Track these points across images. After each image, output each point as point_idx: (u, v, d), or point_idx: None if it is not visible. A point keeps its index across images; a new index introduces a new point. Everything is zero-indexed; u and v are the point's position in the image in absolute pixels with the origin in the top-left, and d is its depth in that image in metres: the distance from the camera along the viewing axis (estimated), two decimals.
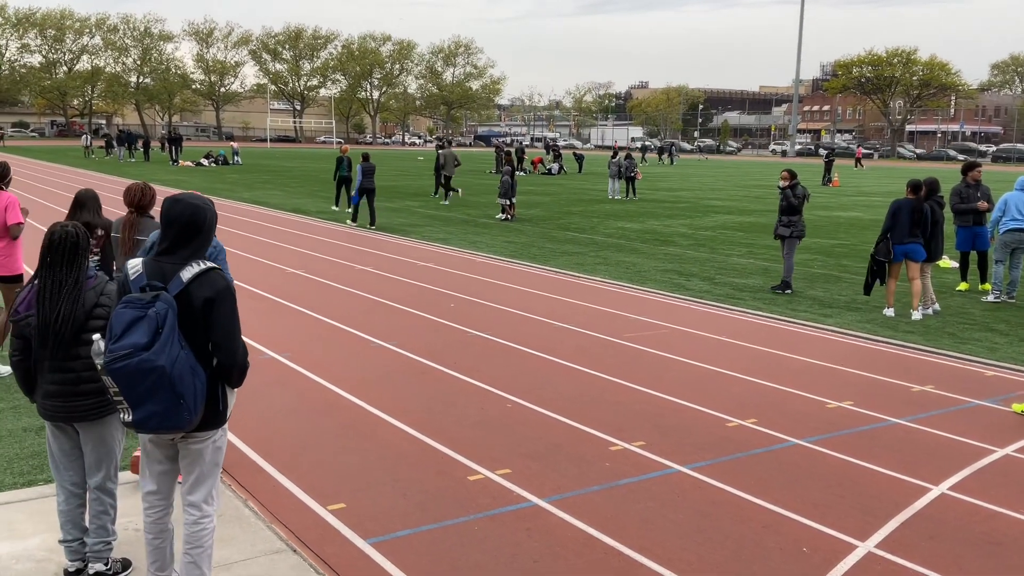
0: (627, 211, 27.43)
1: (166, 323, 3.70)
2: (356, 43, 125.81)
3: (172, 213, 3.91)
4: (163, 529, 4.16)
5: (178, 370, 3.70)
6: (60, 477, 4.53)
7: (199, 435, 3.99)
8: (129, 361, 3.64)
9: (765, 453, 6.72)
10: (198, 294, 3.82)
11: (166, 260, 3.89)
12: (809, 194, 13.70)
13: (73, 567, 4.56)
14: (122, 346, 3.65)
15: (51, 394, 4.33)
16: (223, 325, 3.87)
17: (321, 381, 8.28)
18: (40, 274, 4.29)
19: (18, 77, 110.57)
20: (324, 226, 21.42)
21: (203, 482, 4.07)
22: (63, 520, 4.55)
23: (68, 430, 4.46)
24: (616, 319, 11.38)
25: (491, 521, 5.44)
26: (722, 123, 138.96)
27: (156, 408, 3.71)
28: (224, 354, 3.89)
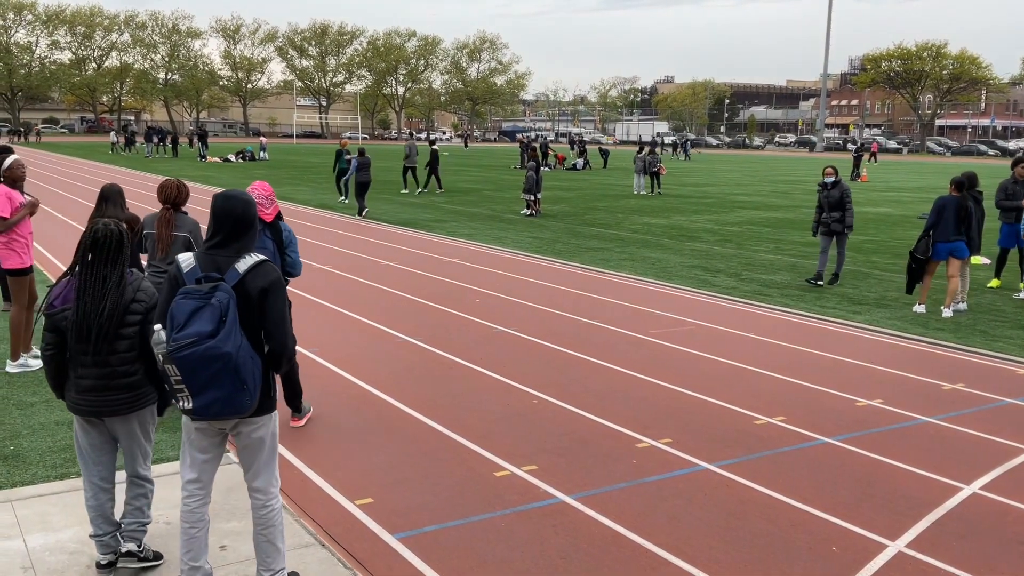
0: (652, 206, 27.32)
1: (229, 311, 3.85)
2: (381, 39, 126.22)
3: (225, 208, 4.05)
4: (200, 519, 4.23)
5: (242, 356, 3.87)
6: (88, 472, 4.56)
7: (255, 420, 4.14)
8: (195, 349, 3.76)
9: (794, 451, 6.67)
10: (253, 284, 3.98)
11: (220, 253, 4.04)
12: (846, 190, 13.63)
13: (105, 559, 4.59)
14: (187, 335, 3.77)
15: (85, 388, 4.36)
16: (276, 314, 4.02)
17: (348, 376, 8.32)
18: (80, 270, 4.33)
19: (48, 74, 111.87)
20: (350, 221, 21.51)
21: (264, 468, 4.24)
22: (93, 515, 4.58)
23: (98, 424, 4.49)
24: (642, 315, 11.34)
25: (518, 517, 5.44)
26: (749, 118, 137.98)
27: (219, 394, 3.86)
28: (276, 342, 4.04)
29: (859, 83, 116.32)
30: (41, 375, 8.04)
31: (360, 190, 22.98)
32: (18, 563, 4.67)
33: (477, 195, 30.36)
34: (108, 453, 4.57)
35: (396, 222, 21.50)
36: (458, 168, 48.84)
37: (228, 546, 4.91)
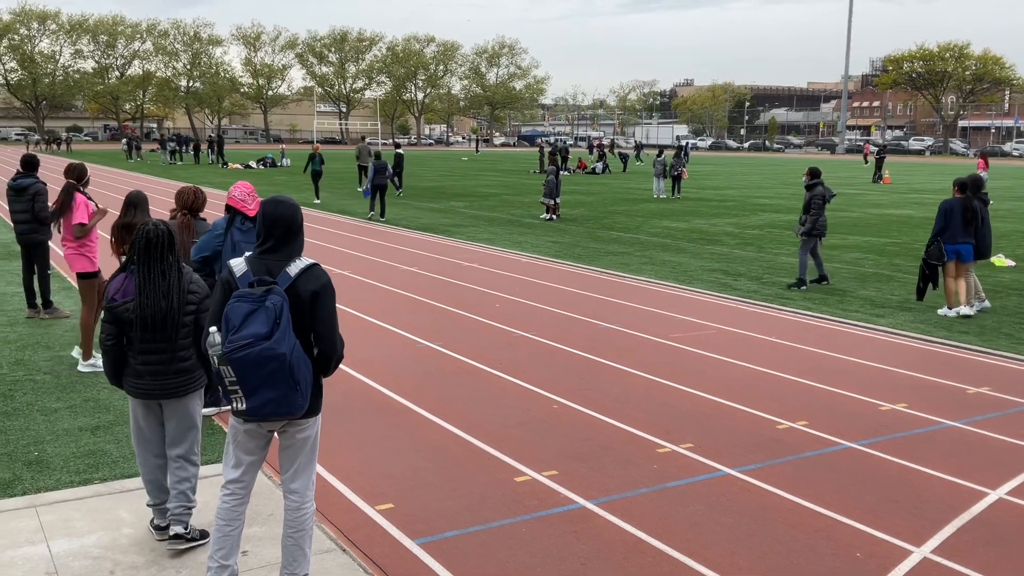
0: (672, 210, 27.22)
1: (283, 314, 3.94)
2: (400, 45, 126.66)
3: (276, 214, 4.14)
4: (236, 518, 4.31)
5: (295, 357, 3.95)
6: (144, 450, 4.96)
7: (303, 422, 4.23)
8: (251, 350, 3.85)
9: (817, 456, 6.61)
10: (305, 288, 4.07)
11: (271, 257, 4.13)
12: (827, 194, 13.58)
13: (164, 523, 5.01)
14: (242, 336, 3.86)
15: (144, 374, 4.76)
16: (326, 317, 4.11)
17: (368, 381, 8.33)
18: (139, 267, 4.70)
19: (72, 82, 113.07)
20: (369, 227, 21.58)
21: (304, 470, 4.30)
22: (150, 487, 5.00)
23: (155, 408, 4.91)
24: (662, 319, 11.29)
25: (538, 523, 5.42)
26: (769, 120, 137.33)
27: (273, 395, 3.94)
28: (326, 344, 4.12)
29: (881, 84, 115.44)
30: (64, 381, 8.11)
31: (376, 193, 23.46)
32: (42, 568, 4.71)
33: (496, 199, 30.38)
34: (162, 435, 4.98)
35: (415, 227, 21.55)
36: (477, 172, 48.89)
37: (250, 551, 4.93)
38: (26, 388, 7.89)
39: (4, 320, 10.59)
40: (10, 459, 6.22)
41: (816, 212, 13.41)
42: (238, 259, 4.18)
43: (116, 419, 7.10)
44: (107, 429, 6.86)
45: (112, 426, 6.93)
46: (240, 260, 4.16)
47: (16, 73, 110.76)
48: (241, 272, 4.11)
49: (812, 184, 13.60)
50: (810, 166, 14.14)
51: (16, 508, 5.42)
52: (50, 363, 8.73)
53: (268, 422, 4.18)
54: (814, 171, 13.80)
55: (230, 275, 4.13)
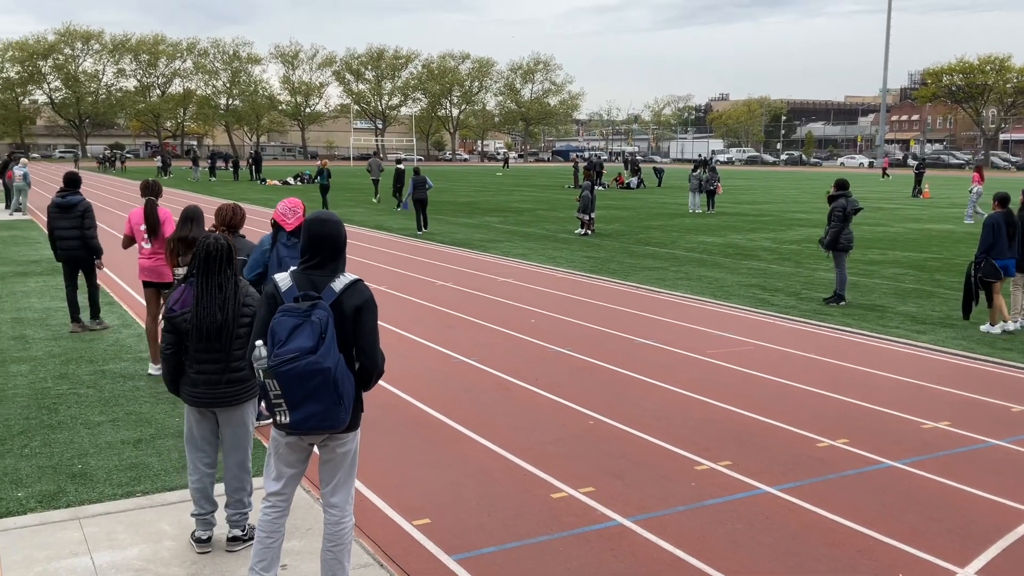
0: (708, 225, 27.08)
1: (328, 329, 3.99)
2: (436, 62, 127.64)
3: (322, 232, 4.20)
4: (277, 530, 4.38)
5: (340, 372, 4.01)
6: (195, 458, 5.10)
7: (344, 436, 4.28)
8: (296, 364, 3.91)
9: (858, 475, 6.52)
10: (349, 303, 4.13)
11: (316, 273, 4.19)
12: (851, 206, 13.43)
13: (205, 535, 5.13)
14: (288, 350, 3.92)
15: (200, 383, 4.90)
16: (368, 332, 4.17)
17: (405, 396, 8.37)
18: (198, 279, 4.87)
19: (114, 100, 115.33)
20: (405, 242, 21.71)
21: (344, 484, 4.35)
22: (196, 496, 5.12)
23: (210, 416, 5.04)
24: (699, 335, 11.22)
25: (575, 540, 5.40)
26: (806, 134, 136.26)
27: (317, 408, 4.00)
28: (368, 359, 4.18)
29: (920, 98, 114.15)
30: (107, 395, 8.24)
31: (419, 207, 23.92)
32: None
33: (531, 215, 30.43)
34: (214, 444, 5.13)
35: (450, 242, 21.64)
36: (512, 188, 49.02)
37: (289, 565, 4.96)
38: (70, 402, 8.03)
39: (48, 335, 10.79)
40: (55, 472, 6.33)
41: (837, 224, 13.25)
42: (283, 274, 4.25)
43: (157, 432, 7.19)
44: (149, 442, 6.96)
45: (154, 439, 7.03)
46: (285, 275, 4.23)
47: (60, 92, 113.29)
48: (286, 287, 4.17)
49: (835, 196, 13.45)
50: (838, 178, 14.01)
51: (61, 520, 5.51)
52: (93, 377, 8.88)
53: (310, 435, 4.23)
54: (841, 183, 13.67)
55: (275, 290, 4.19)
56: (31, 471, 6.33)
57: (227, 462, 5.10)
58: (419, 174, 24.44)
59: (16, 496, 5.87)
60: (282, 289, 4.17)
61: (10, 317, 11.83)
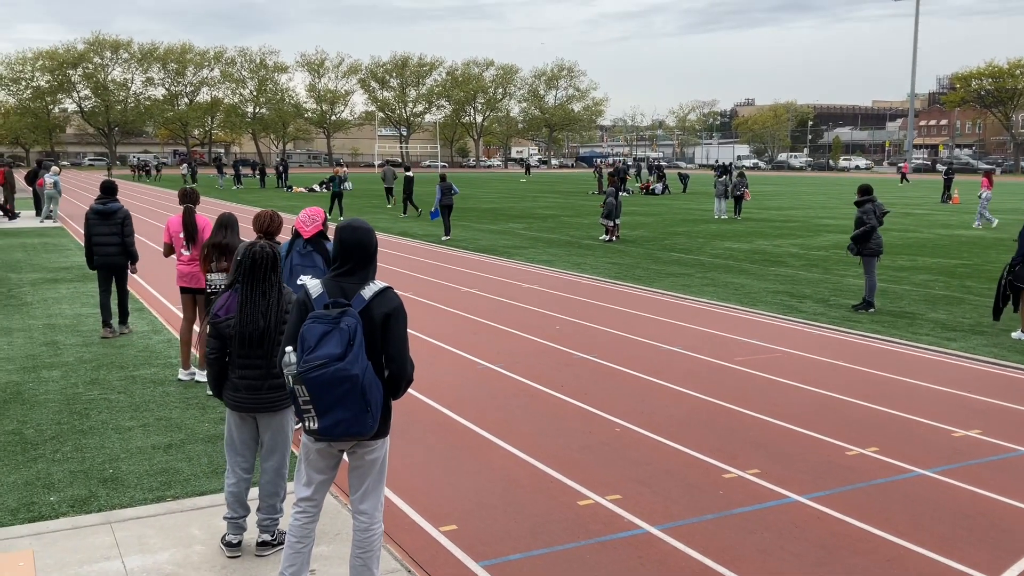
0: (734, 231, 26.94)
1: (356, 336, 4.01)
2: (460, 69, 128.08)
3: (353, 239, 4.24)
4: (307, 535, 4.42)
5: (368, 379, 4.03)
6: (234, 461, 5.15)
7: (372, 443, 4.30)
8: (325, 370, 3.93)
9: (888, 483, 6.45)
10: (378, 310, 4.15)
11: (346, 280, 4.23)
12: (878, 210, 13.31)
13: (236, 539, 5.18)
14: (317, 357, 3.95)
15: (241, 387, 4.97)
16: (398, 339, 4.18)
17: (430, 402, 8.39)
18: (242, 286, 4.95)
19: (143, 109, 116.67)
20: (430, 249, 21.78)
21: (373, 491, 4.37)
22: (230, 500, 5.17)
23: (250, 421, 5.11)
24: (726, 342, 11.16)
25: (602, 547, 5.38)
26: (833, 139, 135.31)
27: (344, 415, 4.02)
28: (397, 366, 4.19)
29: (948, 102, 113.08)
30: (139, 400, 8.33)
31: (444, 213, 24.05)
32: None
33: (555, 221, 30.42)
34: (253, 448, 5.20)
35: (475, 249, 21.68)
36: (535, 194, 49.05)
37: (318, 570, 4.98)
38: (101, 407, 8.12)
39: (80, 341, 10.92)
40: (86, 476, 6.40)
41: (869, 225, 13.15)
42: (315, 281, 4.29)
43: (187, 437, 7.26)
44: (179, 447, 7.03)
45: (184, 444, 7.09)
46: (317, 282, 4.27)
47: (90, 101, 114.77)
48: (317, 294, 4.21)
49: (862, 201, 13.37)
50: (861, 184, 13.89)
51: (92, 524, 5.58)
52: (124, 382, 8.98)
53: (338, 442, 4.26)
54: (865, 188, 13.57)
55: (306, 296, 4.24)
56: (63, 476, 6.41)
57: (264, 466, 5.16)
58: (445, 180, 24.56)
59: (49, 500, 5.95)
60: (313, 296, 4.21)
61: (42, 323, 12.00)
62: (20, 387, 8.75)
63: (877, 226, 13.19)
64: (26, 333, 11.33)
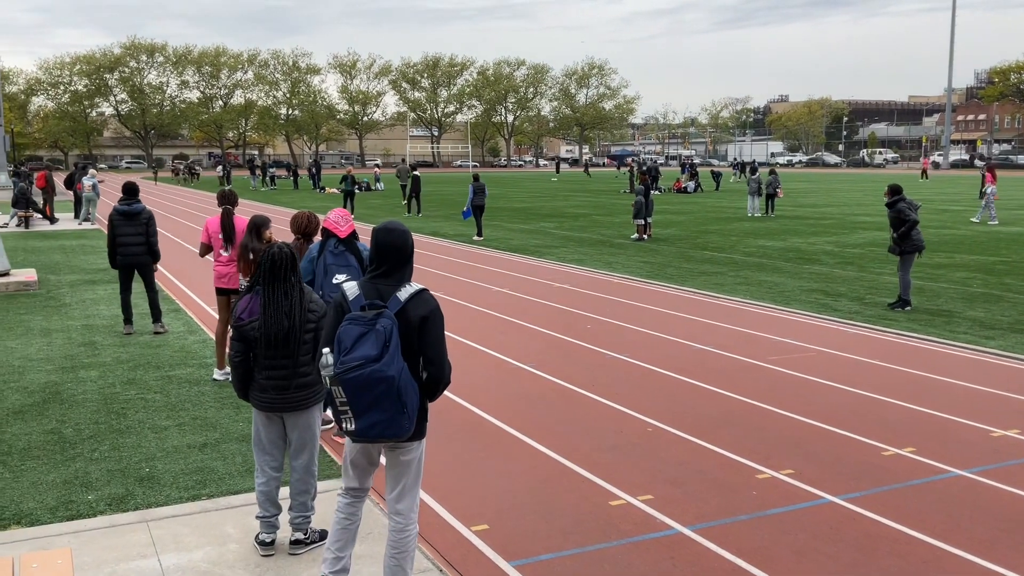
0: (768, 229, 26.71)
1: (392, 337, 4.03)
2: (491, 69, 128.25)
3: (388, 240, 4.27)
4: (354, 513, 4.54)
5: (403, 380, 4.05)
6: (262, 460, 5.20)
7: (408, 445, 4.33)
8: (362, 372, 3.97)
9: (925, 484, 6.36)
10: (414, 313, 4.17)
11: (382, 282, 4.26)
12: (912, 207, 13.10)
13: (269, 538, 5.21)
14: (354, 358, 3.99)
15: (268, 388, 5.00)
16: (435, 341, 4.20)
17: (461, 402, 8.41)
18: (264, 287, 4.96)
19: (178, 112, 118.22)
20: (461, 248, 21.82)
21: (409, 491, 4.40)
22: (262, 499, 5.20)
23: (277, 420, 5.14)
24: (759, 341, 11.07)
25: (634, 548, 5.36)
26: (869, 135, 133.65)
27: (381, 417, 4.05)
28: (435, 368, 4.21)
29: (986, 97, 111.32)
30: (174, 400, 8.44)
31: (476, 213, 24.13)
32: None
33: (586, 220, 30.36)
34: (281, 447, 5.23)
35: (506, 248, 21.70)
36: (567, 193, 48.97)
37: (352, 569, 5.00)
38: (137, 406, 8.24)
39: (116, 341, 11.09)
40: (123, 475, 6.49)
41: (908, 227, 12.98)
42: (351, 283, 4.32)
43: (222, 437, 7.34)
44: (214, 447, 7.10)
45: (219, 444, 7.17)
46: (353, 284, 4.31)
47: (126, 104, 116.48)
48: (354, 296, 4.24)
49: (893, 202, 13.16)
50: (890, 183, 13.68)
51: (129, 523, 5.66)
52: (160, 382, 9.09)
53: (375, 443, 4.30)
54: (896, 188, 13.36)
55: (343, 298, 4.27)
56: (101, 474, 6.50)
57: (294, 464, 5.20)
58: (478, 180, 24.61)
59: (87, 499, 6.04)
60: (350, 298, 4.24)
61: (80, 324, 12.19)
62: (59, 387, 8.90)
63: (918, 220, 13.00)
64: (65, 334, 11.52)
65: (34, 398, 8.51)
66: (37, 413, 8.02)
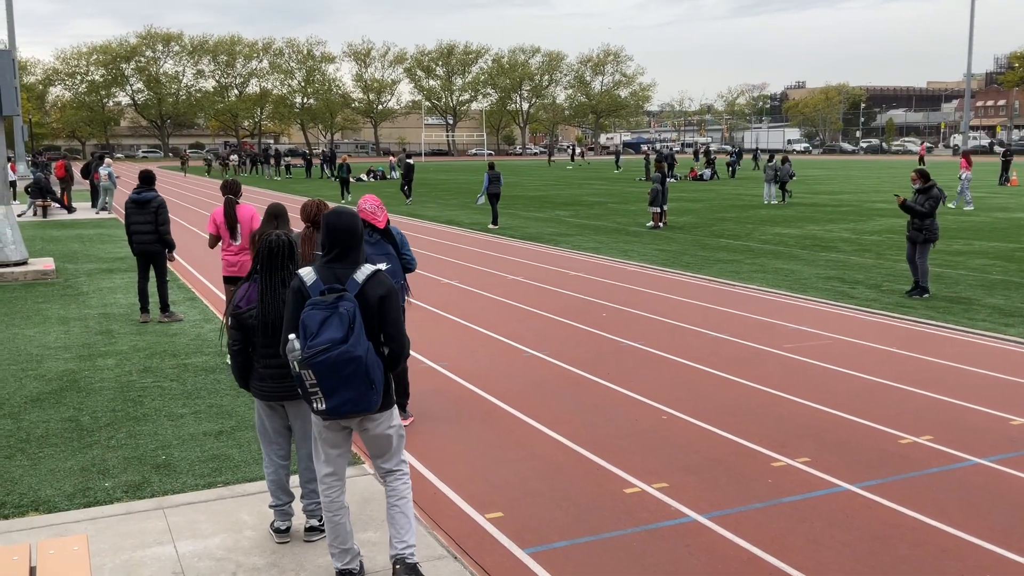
0: (784, 216, 26.55)
1: (356, 319, 4.18)
2: (506, 57, 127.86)
3: (341, 224, 4.41)
4: (340, 506, 4.57)
5: (370, 358, 4.20)
6: (269, 450, 5.20)
7: (379, 416, 4.47)
8: (329, 354, 4.09)
9: (942, 472, 6.31)
10: (372, 293, 4.32)
11: (338, 266, 4.38)
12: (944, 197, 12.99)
13: (284, 525, 5.23)
14: (320, 342, 4.11)
15: (267, 377, 4.96)
16: (394, 319, 4.37)
17: (476, 390, 8.40)
18: (261, 276, 4.92)
19: (194, 101, 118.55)
20: (477, 237, 21.81)
21: (393, 453, 4.59)
22: (272, 488, 5.22)
23: (279, 409, 5.11)
24: (775, 329, 11.01)
25: (649, 536, 5.34)
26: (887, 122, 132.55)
27: (351, 394, 4.19)
28: (395, 343, 4.40)
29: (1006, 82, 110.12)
30: (190, 388, 8.47)
31: (492, 201, 24.14)
32: (169, 568, 4.91)
33: (601, 208, 30.27)
34: (286, 436, 5.20)
35: (521, 236, 21.66)
36: (582, 181, 48.84)
37: (365, 556, 5.02)
38: (154, 394, 8.28)
39: (133, 329, 11.14)
40: (140, 462, 6.53)
41: (931, 218, 12.89)
42: (307, 268, 4.43)
43: (238, 424, 7.37)
44: (229, 434, 7.13)
45: (234, 431, 7.20)
46: (309, 269, 4.43)
47: (143, 93, 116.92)
48: (311, 281, 4.36)
49: (928, 187, 13.00)
50: (917, 168, 13.53)
51: (145, 510, 5.69)
52: (176, 370, 9.14)
53: (345, 419, 4.41)
54: (925, 173, 13.19)
55: (301, 284, 4.38)
56: (117, 462, 6.54)
57: (300, 453, 5.20)
58: (494, 168, 24.58)
59: (104, 486, 6.08)
60: (308, 283, 4.36)
61: (97, 312, 12.26)
62: (76, 375, 8.96)
63: (931, 213, 12.88)
64: (82, 322, 11.59)
65: (52, 386, 8.57)
66: (55, 401, 8.08)
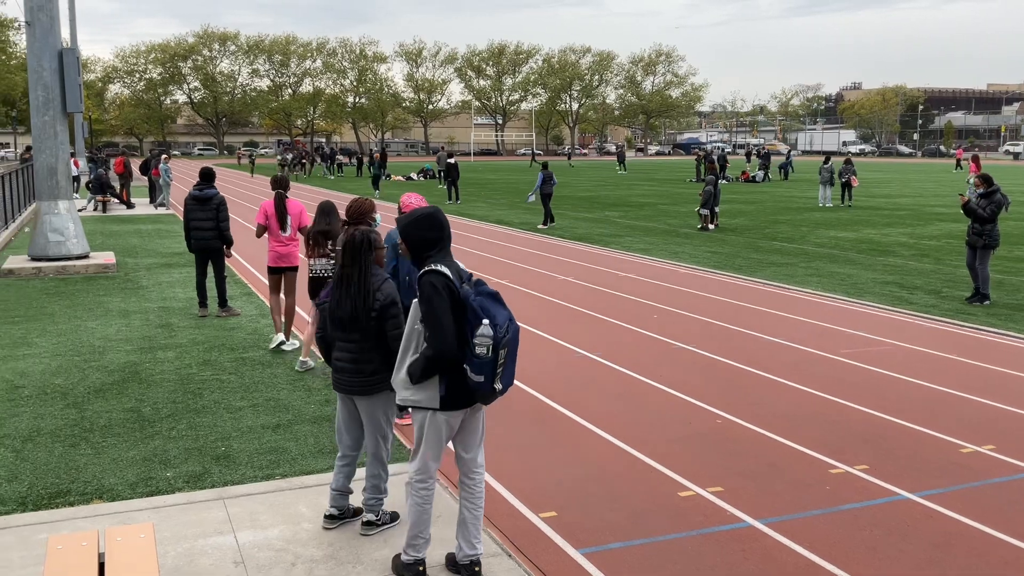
0: (839, 219, 26.15)
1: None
2: (556, 57, 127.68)
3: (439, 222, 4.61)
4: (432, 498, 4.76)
5: None
6: (339, 438, 5.35)
7: None
8: (513, 327, 4.46)
9: (1005, 483, 6.17)
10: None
11: (451, 258, 4.65)
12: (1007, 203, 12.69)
13: (336, 511, 5.37)
14: (505, 319, 4.41)
15: (339, 369, 5.15)
16: None
17: (529, 390, 8.42)
18: (339, 269, 5.13)
19: (249, 100, 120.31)
20: (527, 237, 21.83)
21: (481, 440, 4.78)
22: (336, 473, 5.37)
23: (349, 402, 5.26)
24: (831, 334, 10.86)
25: (704, 539, 5.31)
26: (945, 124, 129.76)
27: (512, 368, 4.54)
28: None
29: None
30: (248, 381, 8.62)
31: (544, 201, 24.18)
32: (230, 557, 5.01)
33: (652, 209, 30.10)
34: (353, 428, 5.32)
35: (572, 237, 21.63)
36: (631, 182, 48.60)
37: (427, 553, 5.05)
38: (213, 387, 8.44)
39: (192, 323, 11.37)
40: (200, 453, 6.66)
41: (992, 223, 12.62)
42: (440, 266, 4.56)
43: (295, 418, 7.48)
44: (287, 428, 7.24)
45: (291, 425, 7.31)
46: (443, 267, 4.57)
47: (199, 92, 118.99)
48: (456, 273, 4.59)
49: (992, 191, 12.73)
50: (984, 174, 13.24)
51: (206, 500, 5.80)
52: (234, 364, 9.30)
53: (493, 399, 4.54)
54: (989, 178, 12.93)
55: (446, 279, 4.50)
56: (178, 453, 6.68)
57: (367, 448, 5.28)
58: (547, 168, 24.64)
59: (165, 476, 6.22)
60: (452, 277, 4.53)
61: (157, 306, 12.53)
62: (138, 367, 9.17)
63: (992, 218, 12.60)
64: (143, 316, 11.85)
65: (114, 377, 8.78)
66: (117, 392, 8.28)
